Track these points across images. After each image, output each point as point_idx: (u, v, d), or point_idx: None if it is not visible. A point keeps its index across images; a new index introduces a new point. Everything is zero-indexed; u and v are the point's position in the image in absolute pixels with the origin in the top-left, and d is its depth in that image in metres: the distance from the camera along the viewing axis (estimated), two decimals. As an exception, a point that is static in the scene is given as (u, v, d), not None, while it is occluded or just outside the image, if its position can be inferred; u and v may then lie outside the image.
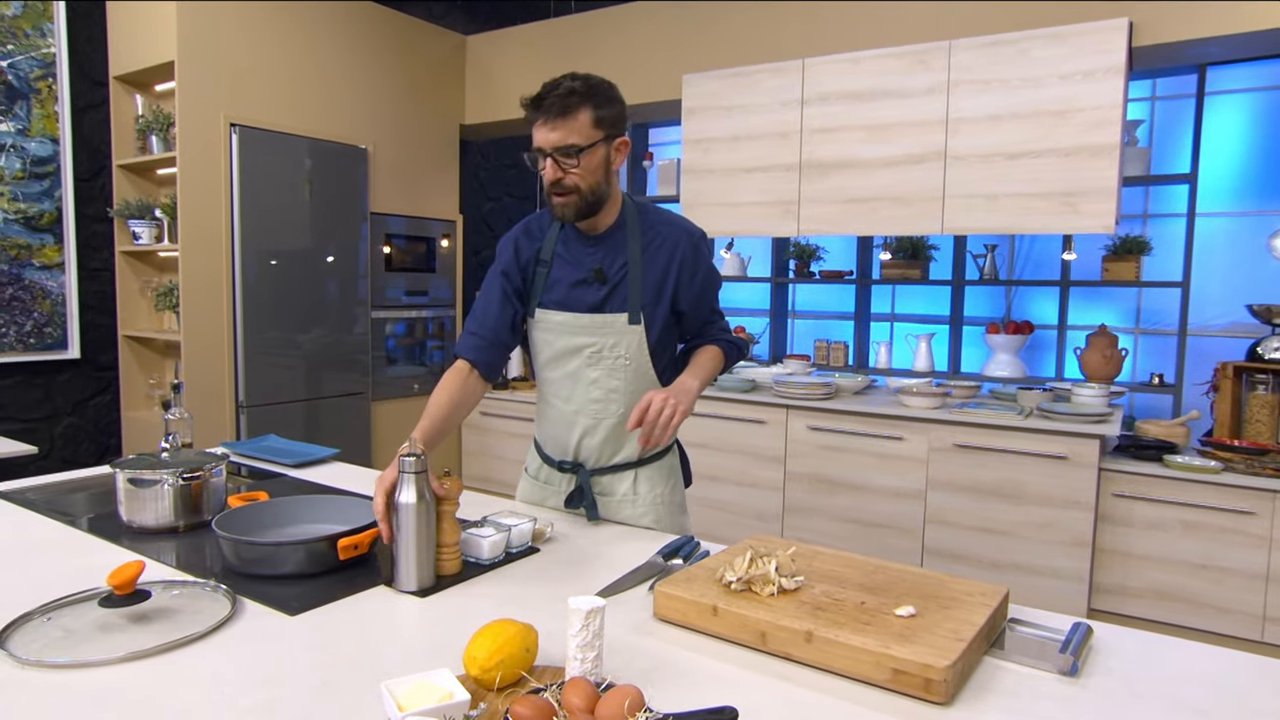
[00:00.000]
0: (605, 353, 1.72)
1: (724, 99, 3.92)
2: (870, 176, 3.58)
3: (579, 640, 0.98)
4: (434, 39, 4.78)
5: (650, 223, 1.73)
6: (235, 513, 1.49)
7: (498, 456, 4.74)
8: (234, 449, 2.34)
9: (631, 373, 1.73)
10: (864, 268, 4.91)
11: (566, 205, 1.62)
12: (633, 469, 1.81)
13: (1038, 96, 3.18)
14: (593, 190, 1.62)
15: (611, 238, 1.72)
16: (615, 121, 1.62)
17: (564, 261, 1.74)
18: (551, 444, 1.86)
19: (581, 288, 1.72)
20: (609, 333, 1.71)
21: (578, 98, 1.55)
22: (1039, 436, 3.13)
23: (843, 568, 1.38)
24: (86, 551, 1.50)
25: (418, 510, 1.32)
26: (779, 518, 3.71)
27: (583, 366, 1.74)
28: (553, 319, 1.74)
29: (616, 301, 1.70)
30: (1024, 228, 3.28)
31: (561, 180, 1.59)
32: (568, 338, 1.73)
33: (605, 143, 1.61)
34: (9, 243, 3.51)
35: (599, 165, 1.61)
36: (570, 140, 1.56)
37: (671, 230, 1.73)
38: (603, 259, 1.71)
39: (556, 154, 1.57)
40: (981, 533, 3.27)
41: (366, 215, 4.32)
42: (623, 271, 1.70)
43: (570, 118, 1.55)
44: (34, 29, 3.53)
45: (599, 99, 1.58)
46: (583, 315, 1.71)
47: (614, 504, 1.82)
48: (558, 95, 1.55)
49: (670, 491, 1.86)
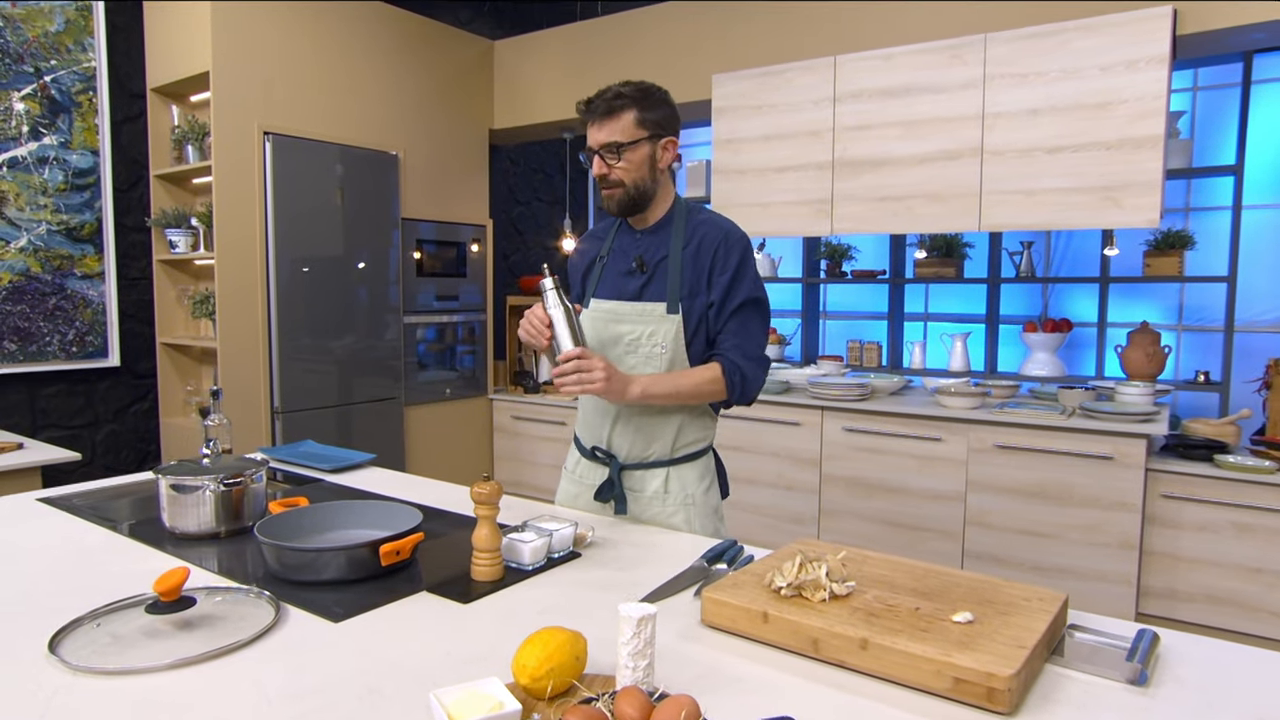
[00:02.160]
0: (643, 340, 1.77)
1: (754, 98, 3.89)
2: (905, 174, 3.53)
3: (630, 648, 0.95)
4: (462, 44, 4.80)
5: (695, 223, 1.80)
6: (276, 518, 1.48)
7: (529, 461, 4.74)
8: (271, 454, 2.35)
9: (667, 363, 1.76)
10: (897, 267, 4.85)
11: (612, 197, 1.75)
12: (664, 467, 1.82)
13: (1078, 89, 3.11)
14: (637, 185, 1.73)
15: (657, 234, 1.81)
16: (662, 123, 1.72)
17: (616, 256, 1.86)
18: (587, 431, 1.91)
19: (625, 277, 1.81)
20: (648, 320, 1.76)
21: (623, 100, 1.68)
22: (1083, 436, 3.06)
23: (893, 572, 1.34)
24: (131, 557, 1.51)
25: (562, 312, 1.60)
26: (815, 520, 3.66)
27: (622, 354, 1.79)
28: (601, 306, 1.82)
29: (655, 290, 1.77)
30: (1064, 223, 3.21)
31: (607, 175, 1.72)
32: (612, 325, 1.80)
33: (650, 141, 1.71)
34: (52, 253, 3.57)
35: (642, 161, 1.71)
36: (614, 138, 1.69)
37: (712, 229, 1.79)
38: (645, 250, 1.80)
39: (602, 151, 1.70)
40: (1024, 535, 3.20)
41: (398, 221, 4.34)
42: (663, 265, 1.77)
43: (614, 118, 1.69)
44: (75, 44, 3.59)
45: (645, 102, 1.70)
46: (624, 303, 1.79)
47: (644, 500, 1.82)
48: (605, 99, 1.70)
49: (704, 494, 1.84)
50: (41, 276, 3.54)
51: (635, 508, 1.83)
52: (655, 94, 1.72)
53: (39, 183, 3.52)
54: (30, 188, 3.50)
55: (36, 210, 3.52)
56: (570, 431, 4.60)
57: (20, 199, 3.47)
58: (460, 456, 4.80)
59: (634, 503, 1.82)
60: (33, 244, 3.51)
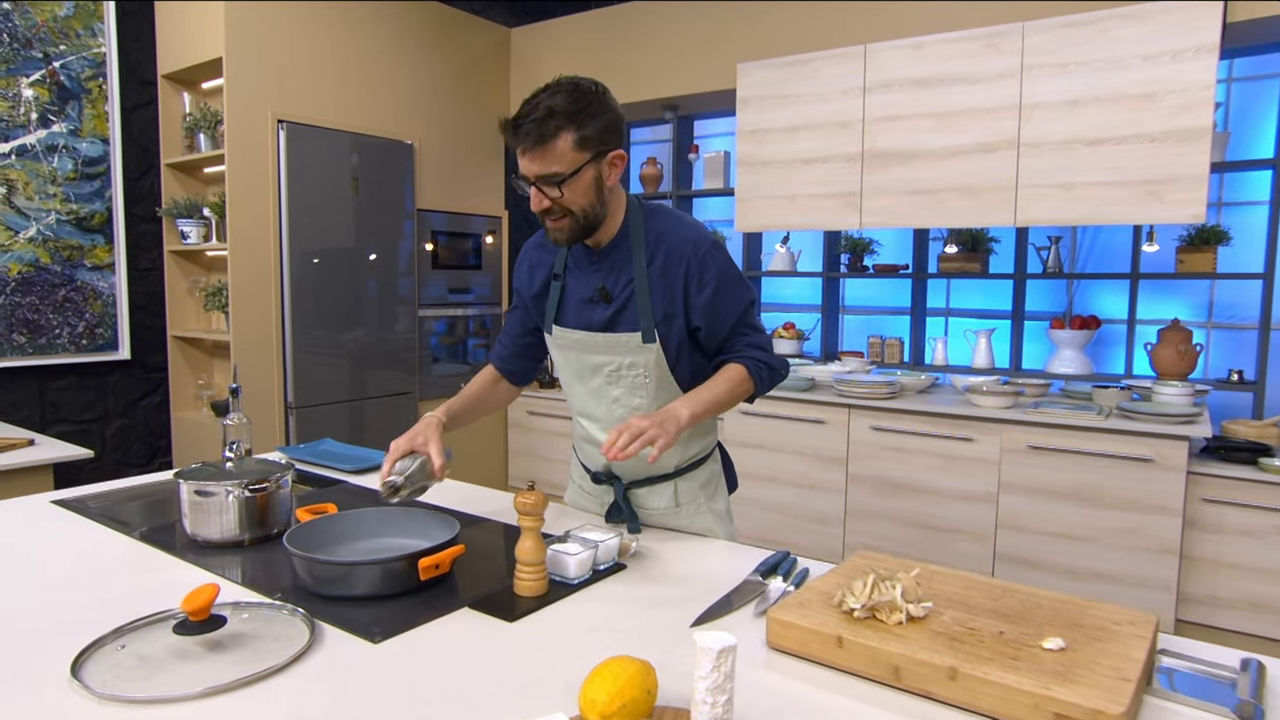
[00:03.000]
0: (624, 370, 1.62)
1: (781, 88, 3.79)
2: (937, 166, 3.43)
3: (709, 683, 0.87)
4: (478, 32, 4.71)
5: (655, 234, 1.58)
6: (305, 528, 1.40)
7: (543, 456, 4.67)
8: (290, 454, 2.27)
9: (654, 388, 1.62)
10: (920, 261, 4.75)
11: (559, 231, 1.51)
12: (670, 480, 1.71)
13: (1121, 79, 3.01)
14: (585, 213, 1.49)
15: (614, 253, 1.59)
16: (603, 137, 1.45)
17: (574, 276, 1.66)
18: (586, 456, 1.80)
19: (589, 306, 1.62)
20: (624, 351, 1.60)
21: (556, 121, 1.40)
22: (1122, 438, 2.97)
23: (966, 590, 1.26)
24: (152, 566, 1.43)
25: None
26: (840, 521, 3.58)
27: (604, 384, 1.65)
28: (570, 336, 1.65)
29: (626, 321, 1.59)
30: (1103, 218, 3.12)
31: (550, 208, 1.47)
32: (585, 355, 1.65)
33: (593, 163, 1.46)
34: (62, 244, 3.49)
35: (588, 188, 1.47)
36: (552, 169, 1.42)
37: (676, 242, 1.57)
38: (606, 277, 1.60)
39: (540, 183, 1.44)
40: (1058, 538, 3.11)
41: (413, 211, 4.26)
42: (628, 289, 1.58)
43: (549, 146, 1.41)
44: (85, 29, 3.50)
45: (582, 116, 1.42)
46: (595, 334, 1.61)
47: (656, 517, 1.73)
48: (534, 121, 1.40)
49: (711, 499, 1.76)
50: (51, 267, 3.46)
51: (647, 522, 1.74)
52: (591, 101, 1.43)
53: (48, 171, 3.44)
54: (39, 176, 3.41)
55: (46, 200, 3.44)
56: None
57: (29, 188, 3.39)
58: (475, 452, 4.72)
59: (645, 520, 1.73)
60: (42, 234, 3.43)
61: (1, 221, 3.32)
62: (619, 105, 1.51)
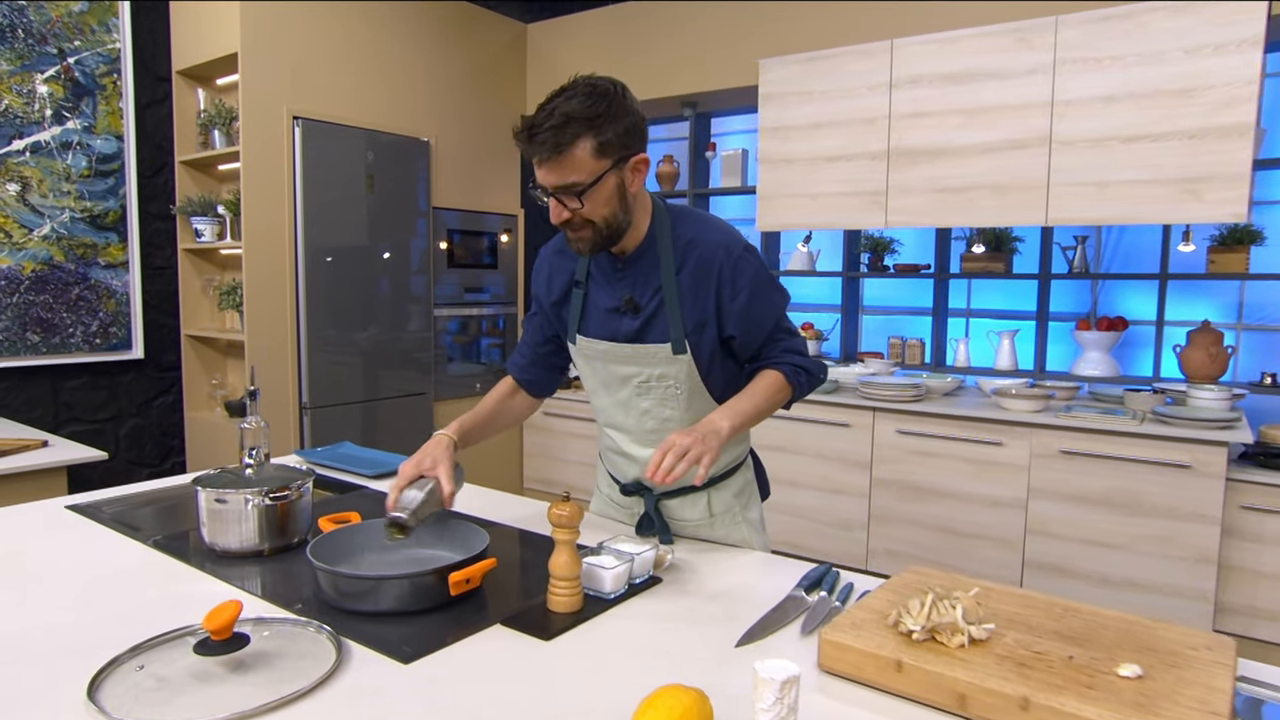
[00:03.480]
0: (654, 382, 1.54)
1: (804, 84, 3.72)
2: (966, 164, 3.35)
3: (772, 715, 0.81)
4: (495, 27, 4.65)
5: (684, 240, 1.50)
6: (328, 538, 1.34)
7: (559, 458, 4.61)
8: (308, 458, 2.21)
9: (686, 400, 1.55)
10: (942, 261, 4.67)
11: (581, 241, 1.43)
12: (703, 490, 1.64)
13: (1159, 74, 2.92)
14: (607, 223, 1.40)
15: (640, 261, 1.51)
16: (625, 142, 1.36)
17: (598, 284, 1.57)
18: (613, 467, 1.72)
19: (615, 316, 1.54)
20: (654, 362, 1.52)
21: (574, 127, 1.30)
22: (1159, 444, 2.89)
23: (1026, 609, 1.19)
24: (169, 577, 1.37)
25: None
26: (864, 526, 3.51)
27: (633, 395, 1.57)
28: (595, 347, 1.57)
29: (656, 331, 1.51)
30: (1138, 218, 3.03)
31: (570, 219, 1.38)
32: (613, 366, 1.57)
33: (615, 170, 1.36)
34: (76, 242, 3.45)
35: (609, 197, 1.38)
36: (570, 179, 1.33)
37: (707, 248, 1.49)
38: (632, 286, 1.52)
39: (558, 194, 1.36)
40: (1090, 545, 3.04)
41: (428, 209, 4.20)
42: (657, 299, 1.50)
43: (566, 155, 1.31)
44: (100, 24, 3.46)
45: (601, 121, 1.32)
46: (623, 345, 1.53)
47: (689, 528, 1.67)
48: (550, 129, 1.30)
49: (745, 508, 1.70)
50: (65, 265, 3.43)
51: (680, 534, 1.67)
52: (612, 103, 1.33)
53: (62, 168, 3.40)
54: (53, 174, 3.38)
55: (60, 197, 3.40)
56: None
57: (43, 185, 3.35)
58: (489, 454, 4.67)
59: (678, 532, 1.67)
60: (56, 232, 3.39)
61: (16, 219, 3.29)
62: (640, 106, 1.43)
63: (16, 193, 3.28)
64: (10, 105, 3.24)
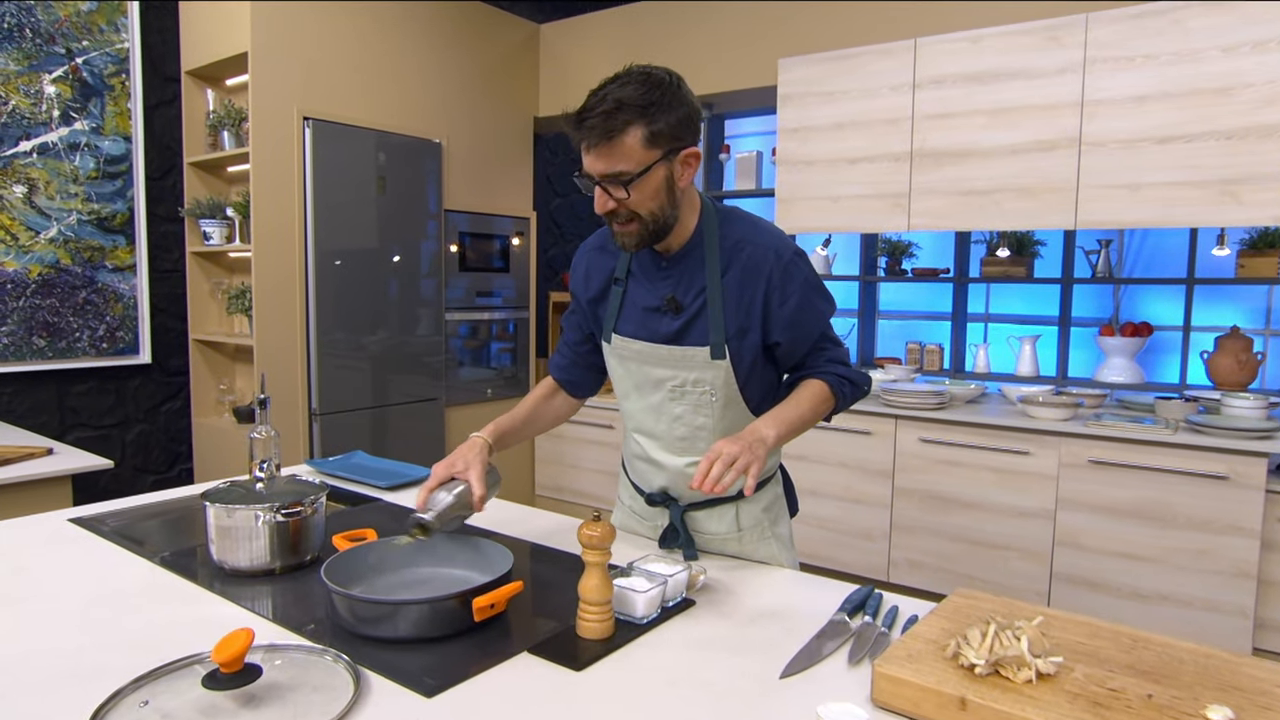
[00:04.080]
0: (689, 387, 1.48)
1: (825, 84, 3.64)
2: (991, 166, 3.27)
3: (840, 770, 0.73)
4: (507, 27, 4.58)
5: (732, 240, 1.44)
6: (343, 558, 1.27)
7: (572, 465, 4.53)
8: (320, 468, 2.14)
9: (720, 408, 1.48)
10: (962, 265, 4.59)
11: (626, 235, 1.38)
12: (732, 503, 1.57)
13: (1194, 73, 2.83)
14: (655, 217, 1.36)
15: (686, 259, 1.46)
16: (677, 133, 1.32)
17: (638, 282, 1.52)
18: (638, 476, 1.64)
19: (655, 315, 1.48)
20: (690, 366, 1.46)
21: (625, 114, 1.27)
22: (1194, 454, 2.80)
23: (1091, 639, 1.11)
24: (175, 598, 1.30)
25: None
26: (886, 536, 3.42)
27: (665, 400, 1.51)
28: (630, 347, 1.51)
29: (696, 334, 1.45)
30: (1172, 220, 2.94)
31: (616, 210, 1.35)
32: (647, 368, 1.51)
33: (664, 161, 1.32)
34: (83, 244, 3.39)
35: (658, 189, 1.34)
36: (618, 168, 1.30)
37: (756, 250, 1.43)
38: (676, 285, 1.46)
39: (605, 183, 1.32)
40: (1121, 558, 2.95)
41: (440, 212, 4.14)
42: (700, 300, 1.44)
43: (616, 142, 1.28)
44: (108, 24, 3.41)
45: (654, 110, 1.28)
46: (660, 346, 1.48)
47: (716, 543, 1.59)
48: (600, 114, 1.27)
49: (774, 523, 1.62)
50: (72, 269, 3.37)
51: (705, 549, 1.60)
52: (665, 92, 1.29)
53: (69, 170, 3.34)
54: (60, 175, 3.32)
55: (67, 199, 3.34)
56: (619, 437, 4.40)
57: (50, 187, 3.30)
58: (500, 459, 4.59)
59: (703, 546, 1.60)
60: (63, 234, 3.34)
61: (22, 221, 3.23)
62: (695, 98, 1.37)
63: (23, 194, 3.23)
64: (17, 106, 3.19)
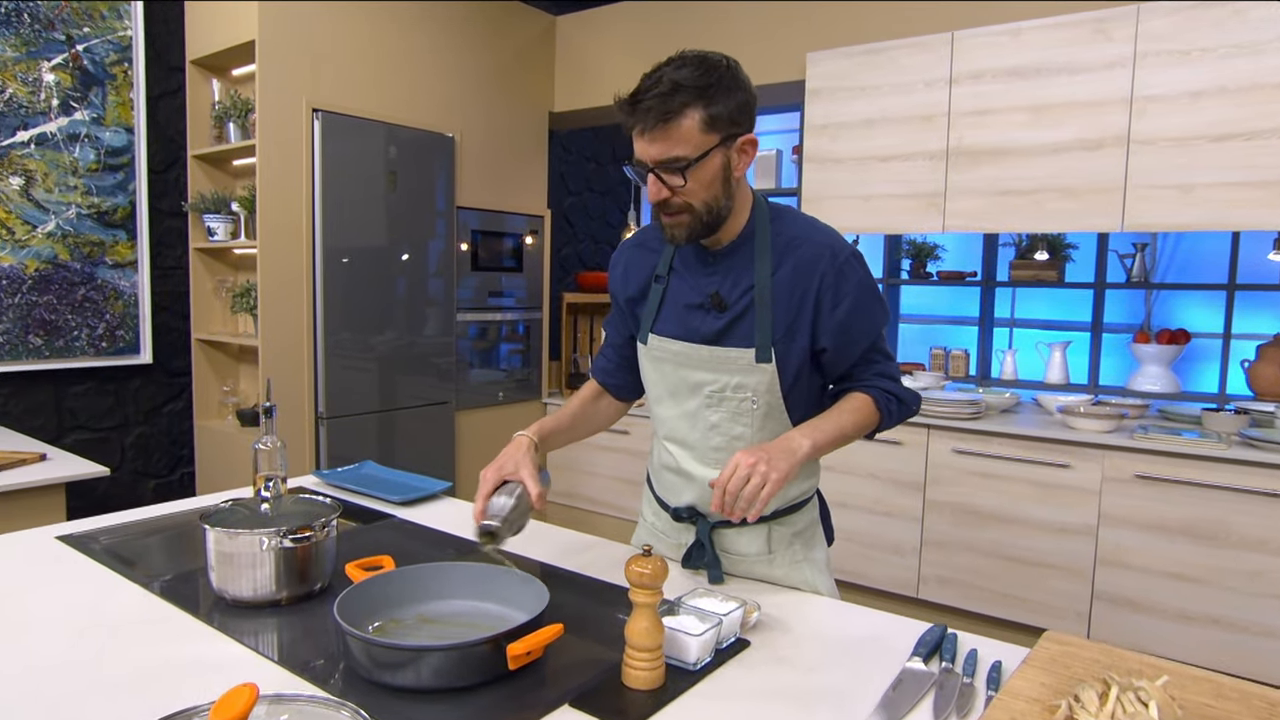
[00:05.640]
0: (729, 393, 1.38)
1: (855, 79, 3.49)
2: (1032, 165, 3.12)
3: None
4: (522, 19, 4.45)
5: (785, 238, 1.36)
6: (357, 591, 1.13)
7: (587, 471, 4.39)
8: (327, 479, 2.01)
9: (761, 417, 1.38)
10: (989, 268, 4.44)
11: (677, 227, 1.31)
12: (765, 523, 1.46)
13: (1254, 67, 2.69)
14: (709, 207, 1.29)
15: (734, 255, 1.38)
16: (735, 118, 1.25)
17: (680, 279, 1.43)
18: (665, 489, 1.53)
19: (697, 314, 1.40)
20: (732, 370, 1.37)
21: (682, 96, 1.20)
22: (1248, 469, 2.65)
23: (1218, 700, 0.96)
24: (170, 632, 1.17)
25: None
26: (916, 551, 3.28)
27: (701, 407, 1.40)
28: (668, 348, 1.42)
29: (740, 334, 1.36)
30: (1228, 223, 2.80)
31: (669, 199, 1.27)
32: (685, 371, 1.40)
33: (722, 147, 1.25)
34: (82, 239, 3.26)
35: (714, 177, 1.27)
36: (674, 153, 1.23)
37: (810, 248, 1.34)
38: (721, 282, 1.38)
39: (659, 170, 1.24)
40: (1169, 578, 2.80)
41: (452, 209, 4.00)
42: (747, 298, 1.36)
43: (672, 125, 1.21)
44: (110, 10, 3.28)
45: (711, 93, 1.21)
46: (701, 346, 1.38)
47: (745, 564, 1.47)
48: (656, 96, 1.20)
49: (807, 548, 1.50)
50: (70, 264, 3.24)
51: (735, 572, 1.48)
52: (724, 75, 1.23)
53: (69, 162, 3.21)
54: (60, 167, 3.19)
55: (66, 192, 3.21)
56: (635, 443, 4.27)
57: (49, 179, 3.16)
58: (511, 465, 4.45)
59: (731, 567, 1.47)
60: (61, 229, 3.20)
61: (19, 215, 3.10)
62: (751, 84, 1.28)
63: (20, 187, 3.10)
64: (15, 94, 3.06)
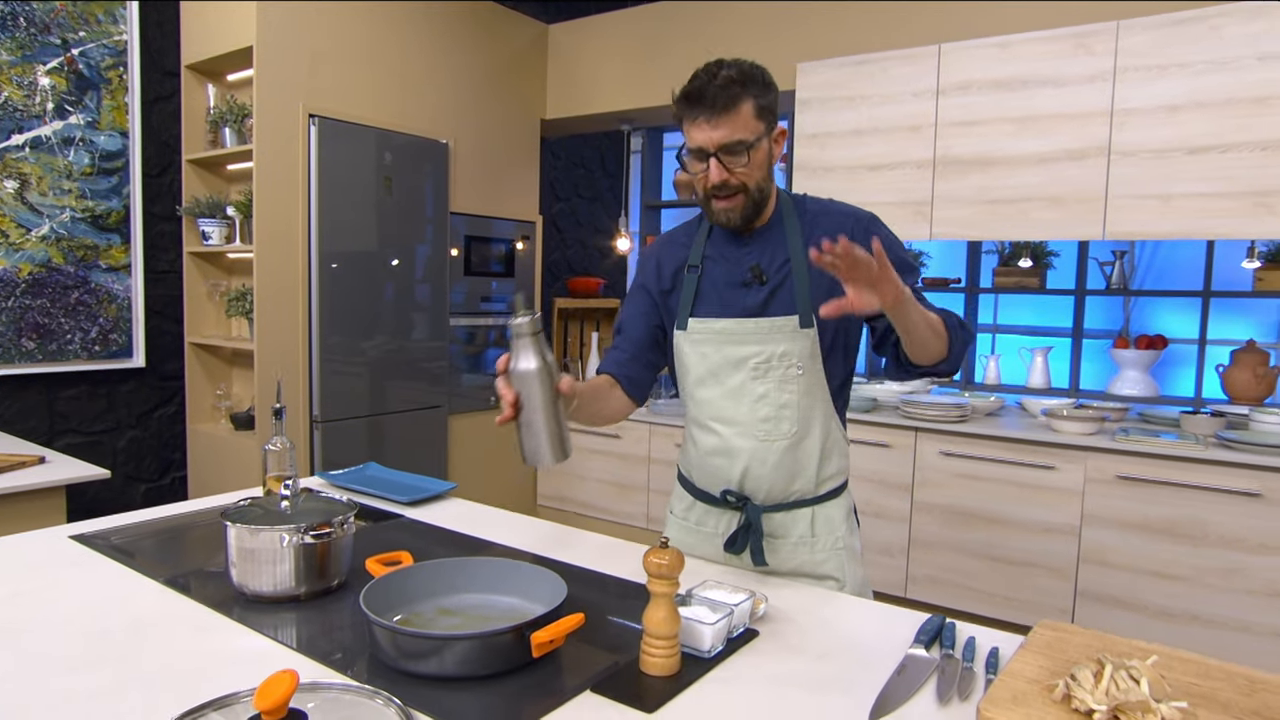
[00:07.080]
0: (774, 362, 1.46)
1: (845, 89, 3.56)
2: (1018, 175, 3.20)
3: None
4: (515, 27, 4.49)
5: (811, 213, 1.51)
6: (380, 584, 1.17)
7: (578, 475, 4.42)
8: (332, 481, 2.04)
9: (805, 384, 1.47)
10: (973, 275, 4.53)
11: (733, 209, 1.44)
12: (809, 506, 1.52)
13: (1229, 81, 2.78)
14: (760, 189, 1.44)
15: (768, 233, 1.51)
16: (774, 110, 1.44)
17: (715, 263, 1.54)
18: (708, 476, 1.57)
19: (739, 290, 1.51)
20: (778, 339, 1.46)
21: (738, 87, 1.36)
22: (1227, 470, 2.73)
23: (1203, 679, 1.02)
24: (194, 626, 1.19)
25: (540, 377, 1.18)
26: (904, 551, 3.34)
27: (747, 380, 1.48)
28: (711, 327, 1.50)
29: (781, 303, 1.48)
30: (1205, 232, 2.89)
31: (728, 181, 1.41)
32: (730, 348, 1.48)
33: (768, 136, 1.43)
34: (76, 243, 3.27)
35: (763, 161, 1.43)
36: (737, 136, 1.37)
37: (836, 217, 1.50)
38: (759, 256, 1.50)
39: (722, 153, 1.38)
40: (1150, 576, 2.88)
41: (446, 214, 4.03)
42: (785, 269, 1.48)
43: (734, 111, 1.36)
44: (106, 15, 3.29)
45: (758, 86, 1.39)
46: (746, 320, 1.48)
47: (788, 547, 1.53)
48: (719, 86, 1.35)
49: (848, 534, 1.57)
50: (64, 268, 3.24)
51: (778, 556, 1.53)
52: (761, 75, 1.40)
53: (63, 165, 3.21)
54: (54, 171, 3.19)
55: (60, 195, 3.22)
56: (626, 446, 4.32)
57: (43, 183, 3.17)
58: (500, 469, 4.48)
59: (773, 552, 1.52)
60: (55, 232, 3.21)
61: (13, 218, 3.10)
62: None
63: (14, 190, 3.10)
64: (10, 97, 3.07)
